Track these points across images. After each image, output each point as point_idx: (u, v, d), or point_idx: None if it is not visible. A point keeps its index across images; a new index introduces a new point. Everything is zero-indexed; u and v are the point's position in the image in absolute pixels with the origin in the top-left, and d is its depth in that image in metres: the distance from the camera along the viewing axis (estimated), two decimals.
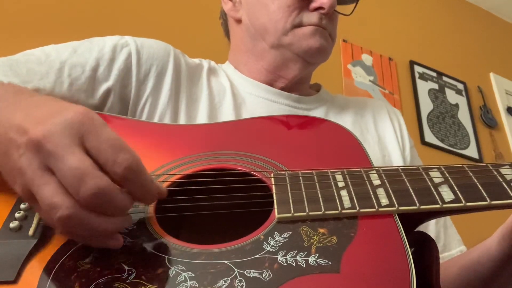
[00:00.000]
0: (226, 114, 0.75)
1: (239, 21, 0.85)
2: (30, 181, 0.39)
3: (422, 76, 2.40)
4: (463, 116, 2.40)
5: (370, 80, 2.20)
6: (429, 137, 2.18)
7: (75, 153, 0.39)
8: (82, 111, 0.42)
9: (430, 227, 0.78)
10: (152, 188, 0.43)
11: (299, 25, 0.77)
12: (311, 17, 0.76)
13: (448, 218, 0.83)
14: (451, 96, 2.44)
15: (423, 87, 2.37)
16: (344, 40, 2.24)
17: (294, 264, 0.40)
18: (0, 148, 0.42)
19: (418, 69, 2.41)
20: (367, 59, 2.27)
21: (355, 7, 0.83)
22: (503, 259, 0.61)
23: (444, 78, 2.49)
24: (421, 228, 0.50)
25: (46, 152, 0.39)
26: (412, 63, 2.41)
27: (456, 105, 2.43)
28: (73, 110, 0.42)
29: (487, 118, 2.46)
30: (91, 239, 0.42)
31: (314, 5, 0.76)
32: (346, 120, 0.83)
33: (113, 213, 0.41)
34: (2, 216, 0.47)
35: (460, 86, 2.52)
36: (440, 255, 0.77)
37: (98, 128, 0.41)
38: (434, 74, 2.46)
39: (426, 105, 2.31)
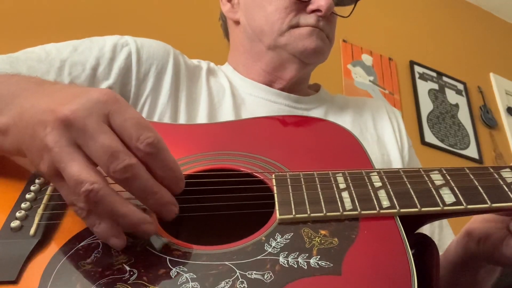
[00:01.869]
0: (226, 114, 0.75)
1: (237, 22, 0.85)
2: (58, 157, 0.40)
3: (422, 76, 2.41)
4: (463, 116, 2.41)
5: (370, 80, 2.20)
6: (429, 137, 2.19)
7: (106, 131, 0.40)
8: (107, 92, 0.43)
9: (425, 227, 0.78)
10: (175, 167, 0.44)
11: (296, 26, 0.77)
12: (308, 19, 0.76)
13: (444, 219, 0.83)
14: (451, 96, 2.45)
15: (423, 87, 2.37)
16: (344, 40, 2.24)
17: (295, 266, 0.40)
18: (26, 132, 0.43)
19: (418, 69, 2.41)
20: (367, 59, 2.27)
21: (353, 9, 0.83)
22: (458, 262, 0.62)
23: (444, 78, 2.49)
24: (424, 225, 0.51)
25: (75, 129, 0.40)
26: (412, 63, 2.41)
27: (456, 105, 2.43)
28: (97, 90, 0.43)
29: (487, 118, 2.47)
30: (104, 223, 0.41)
31: (311, 7, 0.76)
32: (345, 120, 0.84)
33: (138, 190, 0.41)
34: (3, 215, 0.47)
35: (460, 86, 2.52)
36: None
37: (123, 107, 0.42)
38: (434, 74, 2.47)
39: (426, 105, 2.31)
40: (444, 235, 0.80)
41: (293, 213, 0.46)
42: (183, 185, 0.45)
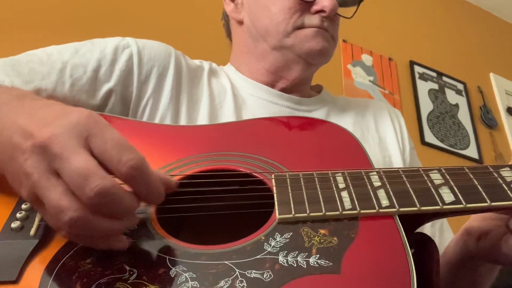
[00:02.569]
0: (227, 115, 0.75)
1: (241, 22, 0.85)
2: (37, 184, 0.39)
3: (422, 76, 2.41)
4: (463, 116, 2.41)
5: (370, 81, 2.20)
6: (429, 137, 2.19)
7: (80, 153, 0.39)
8: (87, 114, 0.42)
9: (426, 230, 0.78)
10: (158, 186, 0.43)
11: (301, 27, 0.77)
12: (313, 20, 0.77)
13: (445, 222, 0.83)
14: (451, 96, 2.45)
15: (423, 87, 2.37)
16: (344, 40, 2.24)
17: (295, 265, 0.40)
18: (6, 152, 0.42)
19: (418, 69, 2.41)
20: (367, 59, 2.27)
21: (356, 9, 0.83)
22: (457, 261, 0.62)
23: (444, 78, 2.49)
24: (416, 231, 0.51)
25: (52, 154, 0.39)
26: (412, 63, 2.41)
27: (456, 105, 2.43)
28: (77, 112, 0.42)
29: (487, 118, 2.47)
30: (97, 241, 0.42)
31: (315, 7, 0.76)
32: (347, 121, 0.84)
33: (119, 214, 0.41)
34: (4, 216, 0.47)
35: (460, 86, 2.52)
36: None
37: (103, 129, 0.41)
38: (434, 74, 2.47)
39: (426, 105, 2.31)
40: (444, 238, 0.80)
41: (293, 212, 0.46)
42: (161, 201, 0.44)
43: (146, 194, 0.42)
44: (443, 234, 0.81)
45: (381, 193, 0.48)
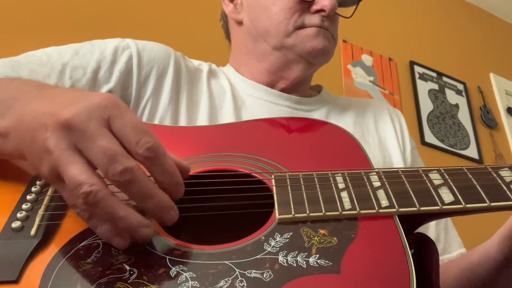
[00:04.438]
0: (227, 116, 0.75)
1: (240, 23, 0.85)
2: (58, 160, 0.40)
3: (422, 77, 2.41)
4: (463, 116, 2.41)
5: (370, 81, 2.20)
6: (429, 137, 2.19)
7: (105, 135, 0.40)
8: (107, 96, 0.43)
9: (430, 229, 0.79)
10: (174, 172, 0.44)
11: (301, 26, 0.77)
12: (313, 19, 0.77)
13: (449, 220, 0.83)
14: (451, 97, 2.45)
15: (423, 87, 2.37)
16: (344, 41, 2.24)
17: (295, 265, 0.40)
18: (27, 136, 0.43)
19: (418, 69, 2.41)
20: (367, 59, 2.27)
21: (355, 9, 0.84)
22: (502, 261, 0.61)
23: (444, 79, 2.49)
24: (421, 230, 0.51)
25: (75, 132, 0.40)
26: (412, 64, 2.41)
27: (456, 106, 2.43)
28: (98, 95, 0.43)
29: (487, 119, 2.47)
30: (104, 226, 0.41)
31: (315, 7, 0.77)
32: (347, 122, 0.84)
33: (136, 193, 0.41)
34: (4, 216, 0.47)
35: (460, 87, 2.52)
36: (440, 257, 0.77)
37: (123, 112, 0.42)
38: (434, 75, 2.47)
39: (426, 106, 2.31)
40: (450, 237, 0.80)
41: (293, 212, 0.46)
42: (182, 191, 0.45)
43: (162, 178, 0.43)
44: (448, 233, 0.81)
45: (381, 194, 0.48)
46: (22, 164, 0.52)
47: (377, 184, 0.49)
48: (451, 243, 0.80)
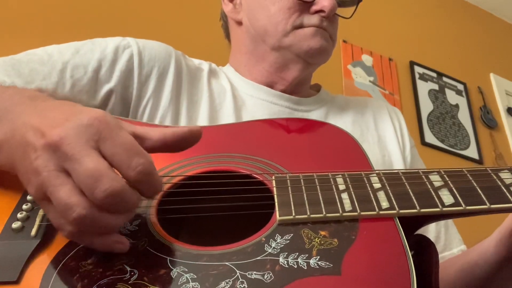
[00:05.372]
0: (227, 116, 0.75)
1: (239, 23, 0.85)
2: (46, 182, 0.40)
3: (422, 77, 2.41)
4: (463, 116, 2.41)
5: (370, 81, 2.20)
6: (429, 137, 2.19)
7: (91, 155, 0.40)
8: (98, 115, 0.42)
9: (431, 227, 0.79)
10: (159, 188, 0.44)
11: (300, 26, 0.77)
12: (312, 19, 0.77)
13: None
14: (451, 97, 2.45)
15: (423, 87, 2.37)
16: (344, 41, 2.24)
17: (295, 266, 0.40)
18: (18, 150, 0.43)
19: (418, 69, 2.41)
20: (367, 59, 2.27)
21: (355, 10, 0.84)
22: (500, 261, 0.62)
23: (444, 79, 2.49)
24: (421, 227, 0.51)
25: (62, 154, 0.40)
26: (412, 64, 2.41)
27: (456, 106, 2.43)
28: (88, 113, 0.43)
29: (487, 119, 2.47)
30: (98, 240, 0.42)
31: (314, 7, 0.77)
32: (346, 120, 0.84)
33: (123, 210, 0.41)
34: (4, 216, 0.47)
35: (460, 87, 2.52)
36: (441, 254, 0.78)
37: (113, 132, 0.42)
38: (434, 75, 2.47)
39: (426, 106, 2.31)
40: (450, 234, 0.81)
41: (293, 214, 0.46)
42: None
43: (150, 194, 0.44)
44: (448, 230, 0.81)
45: (381, 195, 0.48)
46: None
47: (377, 185, 0.49)
48: (452, 240, 0.80)
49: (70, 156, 0.40)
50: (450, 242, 0.80)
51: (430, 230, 0.78)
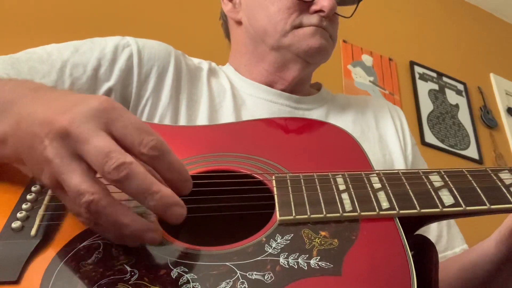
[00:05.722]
0: (227, 116, 0.75)
1: (239, 22, 0.85)
2: (57, 170, 0.39)
3: (422, 77, 2.41)
4: (463, 116, 2.41)
5: (370, 81, 2.20)
6: (429, 137, 2.19)
7: (100, 135, 0.40)
8: (104, 99, 0.42)
9: (433, 226, 0.79)
10: (181, 168, 0.43)
11: (299, 26, 0.77)
12: (311, 19, 0.76)
13: None
14: (451, 97, 2.45)
15: (423, 87, 2.37)
16: (344, 41, 2.24)
17: (296, 267, 0.40)
18: (25, 143, 0.42)
19: (418, 69, 2.41)
20: (367, 59, 2.27)
21: (355, 9, 0.83)
22: (500, 261, 0.62)
23: (444, 79, 2.49)
24: (423, 227, 0.51)
25: (72, 138, 0.40)
26: (412, 64, 2.41)
27: (456, 106, 2.43)
28: (95, 98, 0.42)
29: (487, 119, 2.47)
30: (112, 232, 0.41)
31: (314, 7, 0.76)
32: (347, 120, 0.84)
33: (136, 193, 0.40)
34: (4, 216, 0.47)
35: (460, 87, 2.52)
36: (444, 254, 0.78)
37: (122, 114, 0.41)
38: (434, 75, 2.47)
39: (426, 106, 2.31)
40: (452, 234, 0.81)
41: (293, 214, 0.46)
42: (191, 186, 0.44)
43: (170, 176, 0.42)
44: (451, 229, 0.81)
45: (381, 195, 0.48)
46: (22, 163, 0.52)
47: (377, 185, 0.49)
48: (454, 239, 0.80)
49: (80, 139, 0.39)
50: (453, 241, 0.80)
51: (432, 229, 0.78)
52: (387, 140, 0.84)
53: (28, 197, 0.48)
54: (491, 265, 0.63)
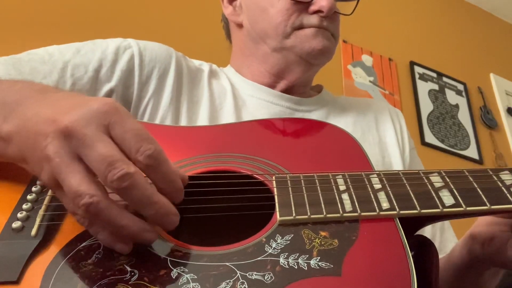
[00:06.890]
0: (227, 116, 0.75)
1: (240, 25, 0.85)
2: (57, 168, 0.40)
3: (422, 77, 2.41)
4: (463, 116, 2.41)
5: (370, 81, 2.20)
6: (429, 137, 2.19)
7: (104, 140, 0.40)
8: (107, 102, 0.42)
9: (426, 229, 0.79)
10: (175, 179, 0.43)
11: (300, 27, 0.76)
12: (311, 19, 0.76)
13: (446, 221, 0.83)
14: (451, 97, 2.45)
15: (423, 87, 2.37)
16: (344, 41, 2.24)
17: (296, 267, 0.40)
18: (28, 142, 0.43)
19: (418, 69, 2.41)
20: (367, 59, 2.27)
21: (356, 6, 0.83)
22: (462, 267, 0.63)
23: (444, 79, 2.49)
24: (423, 227, 0.51)
25: (74, 139, 0.40)
26: (412, 64, 2.41)
27: (456, 106, 2.43)
28: (98, 100, 0.43)
29: (487, 119, 2.47)
30: (107, 233, 0.41)
31: (313, 8, 0.76)
32: (347, 121, 0.84)
33: (137, 201, 0.40)
34: (4, 216, 0.47)
35: (460, 87, 2.52)
36: None
37: (123, 118, 0.42)
38: (434, 75, 2.47)
39: (426, 106, 2.31)
40: (445, 238, 0.81)
41: (294, 214, 0.46)
42: (182, 196, 0.45)
43: (163, 186, 0.43)
44: (444, 234, 0.81)
45: (382, 196, 0.48)
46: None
47: (378, 186, 0.49)
48: (447, 244, 0.80)
49: (82, 141, 0.40)
50: (445, 246, 0.79)
51: (426, 232, 0.78)
52: (387, 142, 0.84)
53: (29, 197, 0.48)
54: (455, 270, 0.64)
